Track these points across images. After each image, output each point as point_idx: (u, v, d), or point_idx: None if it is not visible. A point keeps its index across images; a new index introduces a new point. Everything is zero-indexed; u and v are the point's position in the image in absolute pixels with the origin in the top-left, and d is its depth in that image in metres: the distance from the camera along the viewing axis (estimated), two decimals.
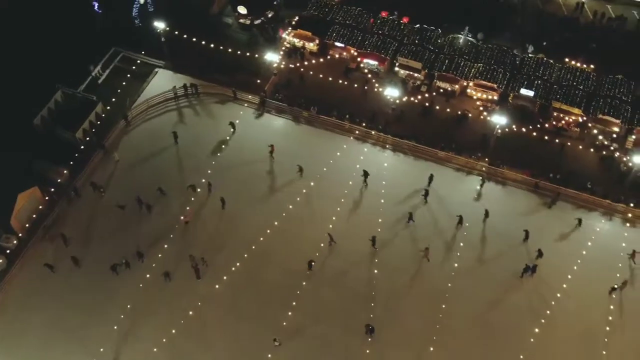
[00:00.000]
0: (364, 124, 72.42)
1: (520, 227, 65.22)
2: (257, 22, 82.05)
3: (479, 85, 75.24)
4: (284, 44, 79.99)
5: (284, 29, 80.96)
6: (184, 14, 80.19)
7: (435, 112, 73.82)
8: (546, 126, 72.46)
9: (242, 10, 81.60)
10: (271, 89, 76.35)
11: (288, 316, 59.57)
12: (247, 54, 76.54)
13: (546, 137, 70.86)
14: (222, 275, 62.04)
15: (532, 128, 71.44)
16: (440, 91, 75.89)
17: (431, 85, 76.48)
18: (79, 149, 70.10)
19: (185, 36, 76.45)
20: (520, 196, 68.44)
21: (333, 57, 78.89)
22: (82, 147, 70.28)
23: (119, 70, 77.90)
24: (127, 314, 59.60)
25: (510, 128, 70.55)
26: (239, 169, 69.45)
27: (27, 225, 65.01)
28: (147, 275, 61.74)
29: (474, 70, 75.90)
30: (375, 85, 75.40)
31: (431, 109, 74.08)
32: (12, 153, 65.71)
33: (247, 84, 75.91)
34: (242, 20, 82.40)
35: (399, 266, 62.79)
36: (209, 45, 76.49)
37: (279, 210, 66.09)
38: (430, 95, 75.31)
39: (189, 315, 59.58)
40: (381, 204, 66.70)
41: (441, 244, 64.44)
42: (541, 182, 68.59)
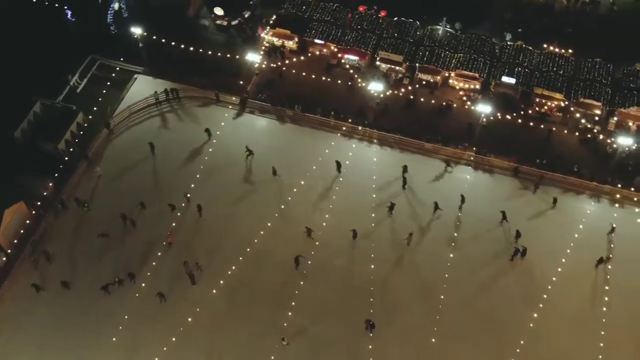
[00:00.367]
0: (350, 120, 72.27)
1: (508, 213, 65.65)
2: (234, 22, 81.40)
3: (460, 75, 75.55)
4: (263, 43, 79.46)
5: (262, 28, 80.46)
6: (159, 18, 79.09)
7: (419, 104, 73.94)
8: (529, 112, 73.10)
9: (218, 11, 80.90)
10: (253, 89, 75.84)
11: (288, 316, 59.24)
12: (228, 55, 75.81)
13: (531, 124, 71.36)
14: (219, 279, 61.45)
15: (516, 115, 71.96)
16: (422, 83, 76.05)
17: (413, 77, 76.61)
18: (62, 160, 68.87)
19: (163, 40, 75.44)
20: (507, 183, 68.90)
21: (313, 54, 78.61)
22: (66, 158, 69.06)
23: (97, 79, 76.67)
24: (125, 325, 58.70)
25: (494, 116, 70.93)
26: (227, 171, 68.87)
27: (14, 241, 63.70)
28: (140, 293, 60.64)
29: (454, 61, 76.24)
30: (358, 81, 75.29)
31: (414, 101, 74.19)
32: None
33: (229, 85, 75.23)
34: (219, 21, 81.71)
35: (396, 260, 62.83)
36: (187, 48, 75.64)
37: (271, 211, 65.68)
38: (413, 87, 75.44)
39: (188, 322, 58.91)
40: (373, 198, 66.68)
41: (435, 234, 64.64)
42: (522, 167, 69.01)
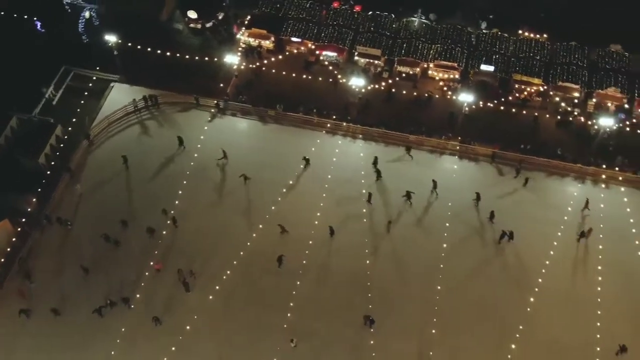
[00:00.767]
0: (334, 117, 72.08)
1: (494, 198, 66.33)
2: (208, 25, 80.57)
3: (439, 65, 75.82)
4: (240, 44, 78.79)
5: (237, 29, 79.78)
6: (132, 24, 77.47)
7: (400, 97, 74.04)
8: (509, 99, 73.72)
9: (192, 14, 79.98)
10: (233, 91, 75.20)
11: (287, 318, 58.89)
12: (206, 58, 75.00)
13: (514, 110, 72.02)
14: (214, 285, 60.77)
15: (497, 102, 72.51)
16: (402, 76, 76.16)
17: (392, 70, 76.70)
18: (44, 175, 67.50)
19: (139, 47, 74.37)
20: (492, 170, 69.39)
21: (291, 53, 78.16)
22: (47, 172, 67.70)
23: (72, 89, 75.21)
24: (123, 337, 57.69)
25: (476, 104, 71.40)
26: (214, 175, 68.26)
27: (1, 259, 62.25)
28: (135, 305, 59.64)
29: (432, 52, 76.47)
30: (338, 77, 75.10)
31: (395, 94, 74.24)
32: None
33: (209, 88, 74.50)
34: (193, 24, 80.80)
35: (391, 254, 62.89)
36: (162, 53, 74.68)
37: (262, 213, 65.20)
38: (393, 80, 75.48)
39: (187, 330, 58.19)
40: (363, 194, 66.58)
41: (428, 225, 64.87)
42: (500, 152, 69.57)
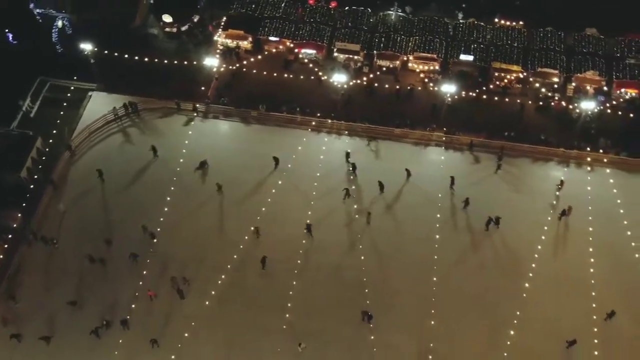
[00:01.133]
0: (318, 114, 71.86)
1: (480, 186, 66.93)
2: (184, 28, 79.71)
3: (419, 57, 75.99)
4: (217, 46, 78.12)
5: (214, 31, 79.12)
6: (106, 31, 76.19)
7: (383, 91, 74.07)
8: (490, 87, 74.18)
9: (167, 18, 79.05)
10: (214, 93, 74.56)
11: (285, 318, 58.59)
12: (185, 62, 74.19)
13: (496, 98, 72.54)
14: (209, 290, 60.19)
15: (478, 91, 72.91)
16: (382, 70, 76.17)
17: (372, 65, 76.68)
18: (27, 189, 66.27)
19: (115, 54, 73.30)
20: (478, 159, 69.72)
21: (270, 52, 77.64)
22: (31, 186, 66.48)
23: (50, 100, 73.81)
24: (122, 350, 56.98)
25: (457, 94, 71.66)
26: (201, 179, 67.62)
27: None
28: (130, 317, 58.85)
29: (411, 44, 76.69)
30: (319, 74, 74.88)
31: (377, 88, 74.23)
32: None
33: (190, 92, 73.70)
34: (168, 28, 79.86)
35: (385, 249, 62.88)
36: (140, 59, 73.67)
37: (252, 214, 64.65)
38: (374, 75, 75.46)
39: (185, 337, 57.60)
40: (352, 190, 66.49)
41: (419, 217, 64.97)
42: (476, 139, 70.09)
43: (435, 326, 58.36)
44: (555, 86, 74.31)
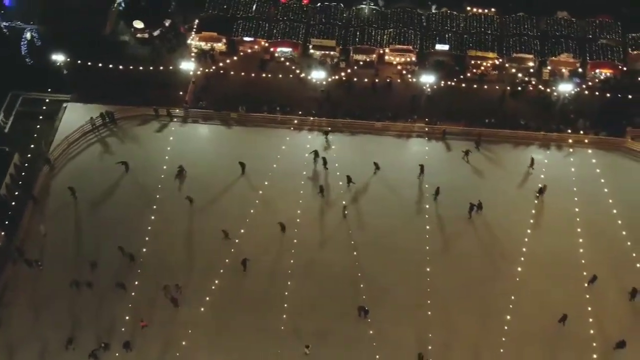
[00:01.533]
0: (300, 112, 71.51)
1: (462, 175, 67.62)
2: (156, 33, 78.63)
3: (395, 50, 76.01)
4: (191, 49, 77.25)
5: (187, 33, 78.26)
6: (76, 41, 74.88)
7: (362, 86, 74.00)
8: (467, 75, 74.56)
9: (138, 24, 77.83)
10: (192, 97, 73.75)
11: (283, 319, 58.23)
12: (161, 67, 73.27)
13: (475, 86, 73.00)
14: (204, 296, 59.50)
15: (457, 80, 73.25)
16: (360, 64, 76.07)
17: (349, 60, 76.54)
18: (8, 206, 64.85)
19: (89, 63, 72.11)
20: (460, 147, 69.79)
21: (245, 53, 77.02)
22: (12, 203, 65.07)
23: (24, 114, 72.25)
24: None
25: (436, 84, 71.99)
26: (186, 185, 66.82)
27: None
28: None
29: (386, 37, 76.69)
30: (296, 72, 74.52)
31: (356, 83, 74.10)
32: None
33: (167, 98, 72.73)
34: (139, 35, 78.71)
35: (376, 243, 62.72)
36: (114, 68, 72.62)
37: (241, 218, 64.12)
38: (352, 69, 75.30)
39: (183, 345, 56.94)
40: (340, 186, 66.39)
41: (407, 209, 65.13)
42: (450, 128, 70.48)
43: (431, 316, 58.49)
44: (531, 71, 74.96)
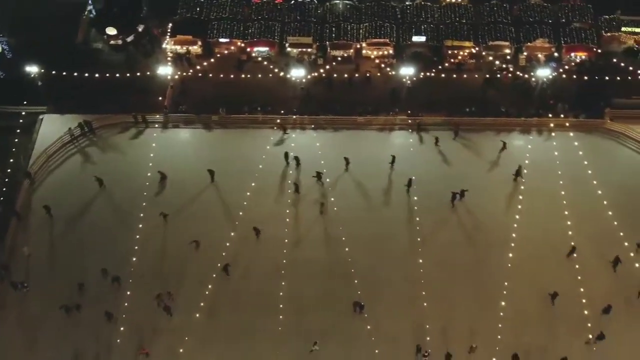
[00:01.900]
0: (282, 111, 71.13)
1: (456, 166, 67.75)
2: (129, 39, 77.61)
3: (371, 44, 76.07)
4: (167, 53, 76.37)
5: (161, 37, 77.34)
6: (48, 51, 73.45)
7: (340, 81, 73.81)
8: (445, 65, 74.82)
9: (110, 31, 76.73)
10: (171, 102, 72.94)
11: (279, 320, 57.90)
12: (138, 73, 72.24)
13: (454, 76, 73.27)
14: (197, 302, 58.82)
15: (435, 71, 73.44)
16: (337, 59, 75.91)
17: (326, 56, 76.34)
18: None
19: (63, 74, 70.83)
20: (445, 138, 70.27)
21: (222, 54, 76.39)
22: None
23: (1, 129, 70.32)
24: None
25: (415, 76, 72.15)
26: (172, 190, 66.12)
27: None
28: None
29: (362, 31, 76.66)
30: (275, 70, 74.10)
31: (335, 79, 73.91)
32: None
33: (145, 103, 71.79)
34: (113, 41, 77.61)
35: (367, 238, 62.56)
36: (89, 76, 71.49)
37: (231, 221, 63.64)
38: (330, 65, 75.10)
39: (181, 353, 56.27)
40: (328, 183, 66.21)
41: (399, 203, 65.14)
42: (425, 119, 70.81)
43: (427, 307, 58.52)
44: (508, 57, 75.59)
